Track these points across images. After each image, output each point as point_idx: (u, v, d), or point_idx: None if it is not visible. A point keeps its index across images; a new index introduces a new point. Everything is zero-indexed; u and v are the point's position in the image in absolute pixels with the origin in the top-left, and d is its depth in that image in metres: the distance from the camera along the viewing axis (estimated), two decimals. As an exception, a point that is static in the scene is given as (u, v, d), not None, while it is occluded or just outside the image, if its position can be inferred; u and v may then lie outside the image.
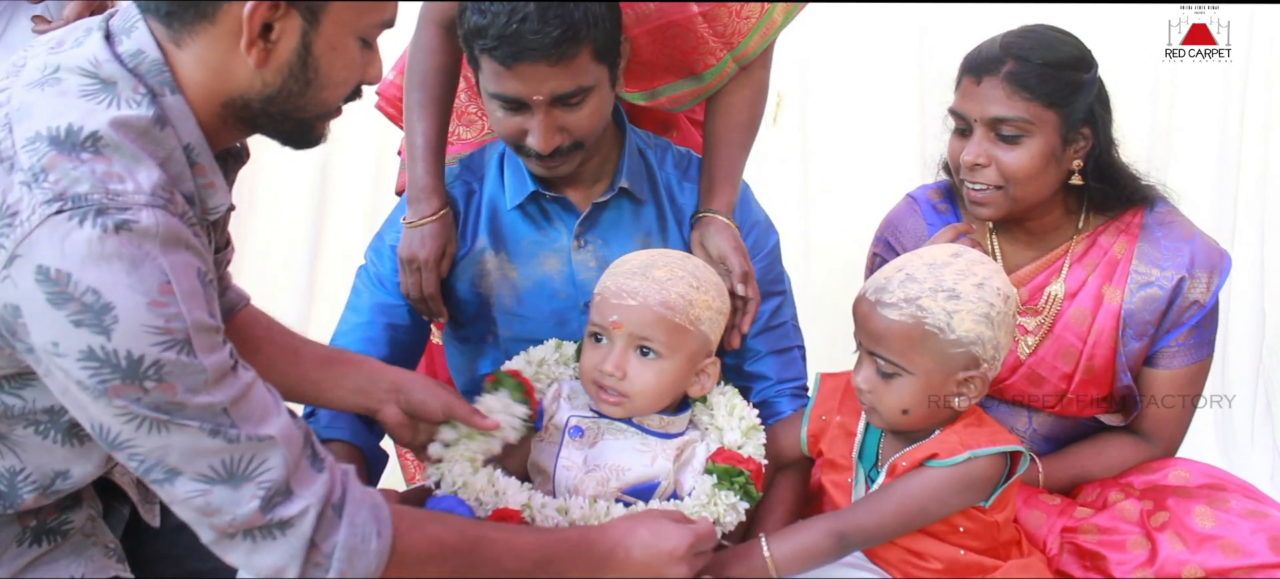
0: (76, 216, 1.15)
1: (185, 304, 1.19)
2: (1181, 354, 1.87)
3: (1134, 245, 1.87)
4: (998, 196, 1.83)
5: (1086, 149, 1.84)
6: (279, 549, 1.26)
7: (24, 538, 1.46)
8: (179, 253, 1.20)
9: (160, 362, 1.17)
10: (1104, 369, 1.86)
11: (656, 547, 1.49)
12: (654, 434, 1.72)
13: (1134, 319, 1.85)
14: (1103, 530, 1.77)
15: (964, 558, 1.63)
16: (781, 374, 1.94)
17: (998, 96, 1.79)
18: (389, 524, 1.32)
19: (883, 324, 1.58)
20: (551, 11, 1.62)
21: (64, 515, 1.49)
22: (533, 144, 1.73)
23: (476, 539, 1.40)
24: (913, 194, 2.05)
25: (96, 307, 1.15)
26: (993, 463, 1.59)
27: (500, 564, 1.41)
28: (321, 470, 1.30)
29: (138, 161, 1.21)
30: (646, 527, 1.51)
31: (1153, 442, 1.90)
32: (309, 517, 1.26)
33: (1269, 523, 1.68)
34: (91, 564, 1.50)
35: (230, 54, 1.28)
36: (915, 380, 1.58)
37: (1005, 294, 1.59)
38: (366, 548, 1.29)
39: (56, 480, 1.41)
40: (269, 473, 1.25)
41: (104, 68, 1.25)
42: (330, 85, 1.34)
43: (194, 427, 1.20)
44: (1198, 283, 1.84)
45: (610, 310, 1.68)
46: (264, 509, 1.24)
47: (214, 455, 1.22)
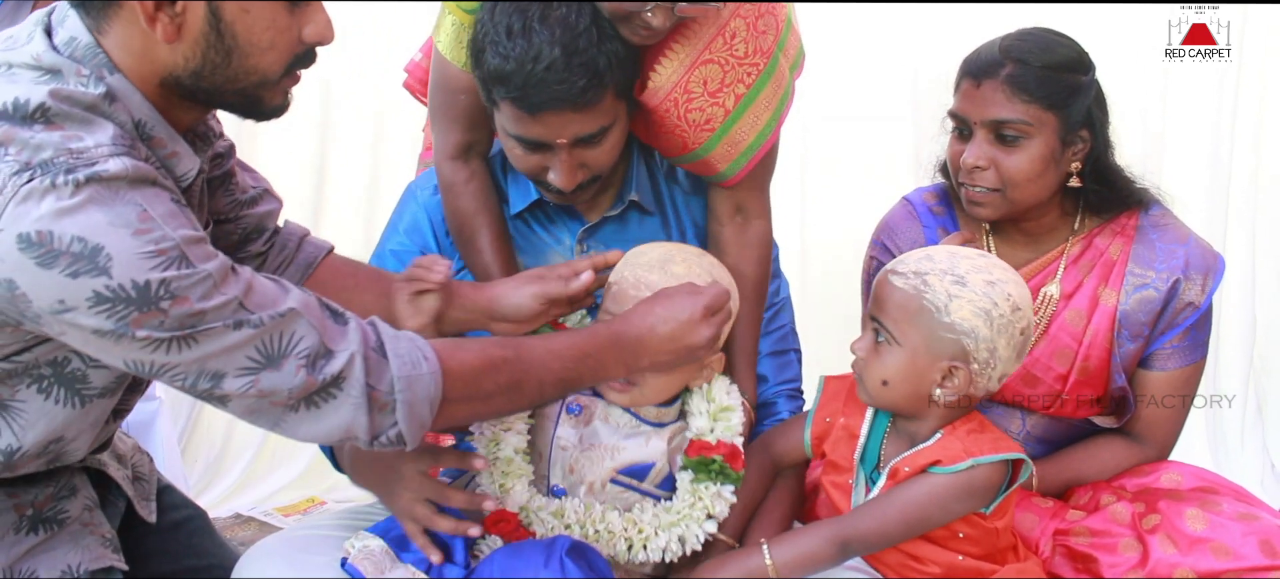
0: (45, 179, 1.17)
1: (167, 225, 1.21)
2: (1176, 356, 1.88)
3: (1129, 248, 1.88)
4: (995, 198, 1.84)
5: (1085, 151, 1.85)
6: (342, 407, 1.29)
7: (21, 526, 1.46)
8: (147, 188, 1.22)
9: (166, 279, 1.19)
10: (1099, 370, 1.87)
11: (676, 318, 1.56)
12: (649, 423, 1.72)
13: (1129, 321, 1.86)
14: (1094, 533, 1.78)
15: (962, 562, 1.63)
16: (778, 376, 1.94)
17: (998, 99, 1.80)
18: (432, 349, 1.34)
19: (888, 289, 1.60)
20: (576, 59, 1.57)
21: (60, 504, 1.50)
22: (555, 182, 1.72)
23: (517, 348, 1.44)
24: (908, 198, 2.05)
25: (86, 252, 1.16)
26: (995, 470, 1.59)
27: (547, 367, 1.45)
28: (346, 322, 1.32)
29: (90, 124, 1.23)
30: (661, 305, 1.57)
31: (1146, 444, 1.91)
32: (356, 365, 1.28)
33: (1260, 525, 1.69)
34: (88, 554, 1.50)
35: (146, 35, 1.28)
36: (902, 353, 1.59)
37: (1015, 305, 1.57)
38: (419, 372, 1.31)
39: (51, 446, 1.42)
40: (303, 341, 1.27)
41: (45, 59, 1.27)
42: (256, 50, 1.31)
43: (218, 327, 1.22)
44: (1192, 285, 1.85)
45: (628, 301, 1.67)
46: (311, 371, 1.26)
47: (247, 345, 1.24)
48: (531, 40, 1.57)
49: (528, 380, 1.43)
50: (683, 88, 1.69)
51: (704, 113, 1.71)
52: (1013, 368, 1.62)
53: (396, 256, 1.90)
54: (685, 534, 1.64)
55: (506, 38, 1.59)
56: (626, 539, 1.63)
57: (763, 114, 1.76)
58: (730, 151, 1.76)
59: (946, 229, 1.97)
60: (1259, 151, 3.42)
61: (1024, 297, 1.60)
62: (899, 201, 2.06)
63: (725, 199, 1.85)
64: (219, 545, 1.84)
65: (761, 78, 1.73)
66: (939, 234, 1.96)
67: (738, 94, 1.72)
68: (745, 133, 1.75)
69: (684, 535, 1.64)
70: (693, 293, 1.59)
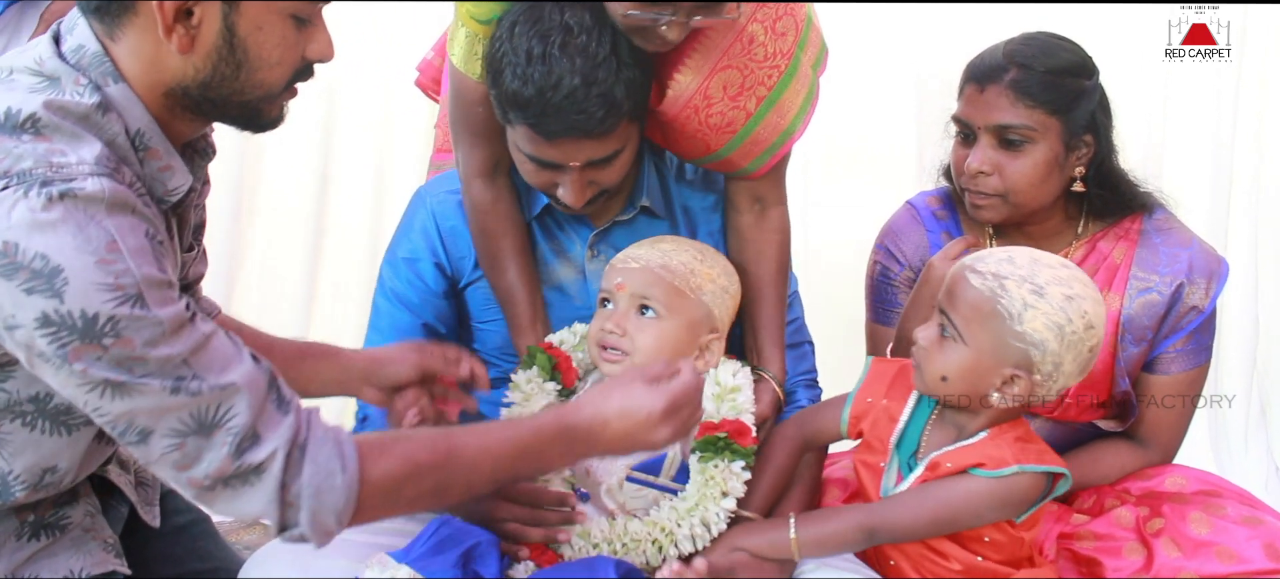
0: (20, 189, 1.17)
1: (133, 260, 1.19)
2: (1179, 360, 1.88)
3: (1133, 251, 1.88)
4: (998, 202, 1.84)
5: (1088, 156, 1.85)
6: (257, 495, 1.26)
7: (22, 532, 1.46)
8: (124, 216, 1.21)
9: (115, 317, 1.17)
10: (1102, 374, 1.87)
11: (633, 415, 1.43)
12: None
13: (1133, 325, 1.86)
14: (1099, 537, 1.78)
15: (981, 564, 1.62)
16: (795, 368, 1.94)
17: (1002, 104, 1.80)
18: (354, 456, 1.29)
19: (963, 286, 1.57)
20: (594, 89, 1.58)
21: (62, 511, 1.50)
22: (564, 198, 1.73)
23: (448, 450, 1.36)
24: (912, 201, 2.05)
25: (46, 271, 1.16)
26: (1036, 482, 1.57)
27: (477, 468, 1.38)
28: (287, 412, 1.29)
29: (78, 139, 1.23)
30: (618, 395, 1.44)
31: (1150, 448, 1.91)
32: (278, 459, 1.26)
33: (1264, 529, 1.69)
34: (90, 559, 1.50)
35: (159, 44, 1.29)
36: (966, 352, 1.56)
37: (1089, 323, 1.54)
38: (332, 483, 1.28)
39: (46, 476, 1.42)
40: (236, 418, 1.24)
41: (47, 65, 1.28)
42: (264, 66, 1.33)
43: (156, 385, 1.20)
44: (1196, 289, 1.85)
45: (615, 274, 1.74)
46: (234, 455, 1.24)
47: (181, 410, 1.22)
48: (552, 68, 1.57)
49: (454, 484, 1.38)
50: (702, 94, 1.69)
51: (725, 117, 1.71)
52: (1074, 383, 1.58)
53: (408, 264, 1.90)
54: (706, 516, 1.64)
55: (527, 62, 1.58)
56: (653, 541, 1.63)
57: (787, 114, 1.75)
58: (752, 150, 1.76)
59: (950, 233, 1.97)
60: (1261, 152, 3.41)
61: (1099, 315, 1.56)
62: (902, 206, 2.06)
63: (743, 190, 1.86)
64: (223, 549, 1.84)
65: (783, 79, 1.73)
66: (943, 238, 1.96)
67: (759, 96, 1.72)
68: (768, 133, 1.75)
69: (706, 518, 1.64)
70: (654, 387, 1.45)
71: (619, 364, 1.70)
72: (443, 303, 1.92)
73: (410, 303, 1.90)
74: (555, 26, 1.59)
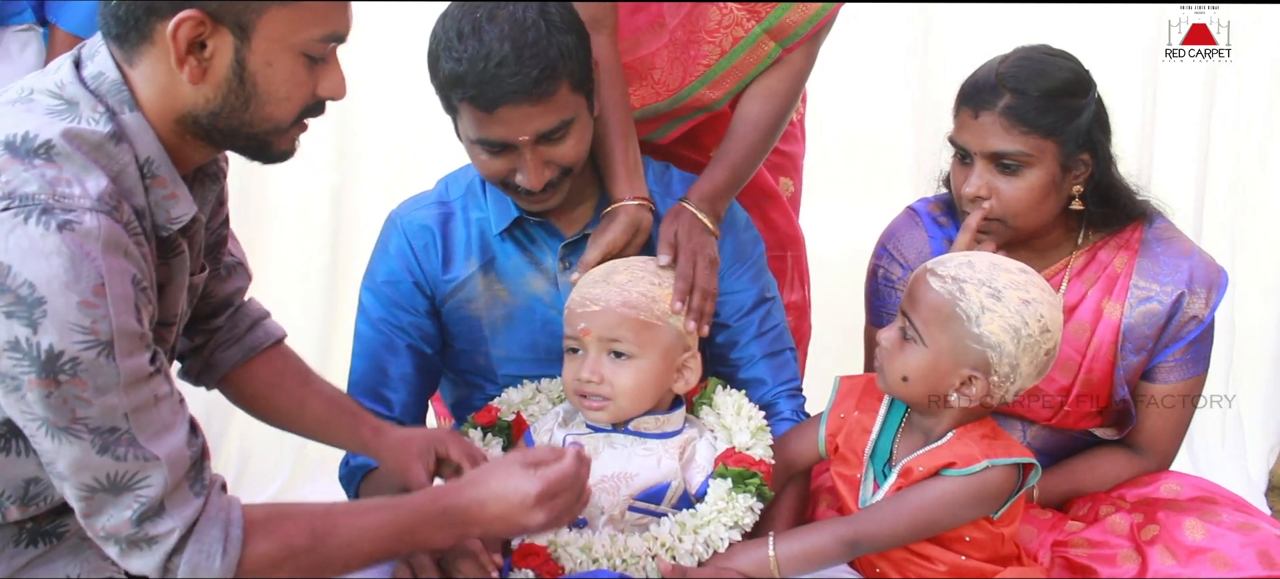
0: (22, 214, 1.21)
1: (114, 307, 1.23)
2: (1178, 369, 1.89)
3: (1134, 260, 1.89)
4: (998, 227, 1.83)
5: (1086, 174, 1.84)
6: (143, 560, 1.33)
7: (20, 539, 1.47)
8: (117, 258, 1.25)
9: (78, 359, 1.22)
10: (1102, 383, 1.88)
11: (508, 499, 1.46)
12: (651, 436, 1.73)
13: (1133, 333, 1.87)
14: (1093, 544, 1.79)
15: (966, 563, 1.65)
16: (776, 377, 1.94)
17: (996, 130, 1.79)
18: (238, 540, 1.35)
19: (923, 289, 1.61)
20: (526, 52, 1.63)
21: (60, 519, 1.50)
22: (522, 182, 1.74)
23: (325, 532, 1.41)
24: (914, 206, 2.05)
25: (30, 300, 1.20)
26: (1006, 476, 1.61)
27: (354, 549, 1.42)
28: (199, 495, 1.35)
29: (87, 171, 1.27)
30: (497, 478, 1.48)
31: (1146, 455, 1.92)
32: (173, 537, 1.32)
33: (1259, 536, 1.70)
34: (88, 565, 1.51)
35: (173, 72, 1.33)
36: (926, 353, 1.60)
37: (1045, 326, 1.58)
38: (211, 565, 1.34)
39: (30, 487, 1.43)
40: (148, 489, 1.30)
41: (68, 90, 1.33)
42: (272, 100, 1.38)
43: (87, 440, 1.25)
44: (1197, 299, 1.86)
45: (577, 319, 1.71)
46: (135, 522, 1.30)
47: (99, 470, 1.27)
48: (482, 39, 1.64)
49: (333, 563, 1.42)
50: None
51: None
52: (1031, 384, 1.63)
53: (389, 285, 1.91)
54: (711, 537, 1.65)
55: (458, 40, 1.65)
56: (653, 557, 1.64)
57: None
58: None
59: (952, 239, 1.96)
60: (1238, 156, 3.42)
61: (1056, 319, 1.61)
62: (904, 210, 2.06)
63: None
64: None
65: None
66: (944, 244, 1.96)
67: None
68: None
69: (710, 539, 1.65)
70: (531, 472, 1.47)
71: (604, 410, 1.70)
72: (426, 322, 1.93)
73: (396, 325, 1.91)
74: (482, 5, 1.66)
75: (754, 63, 2.00)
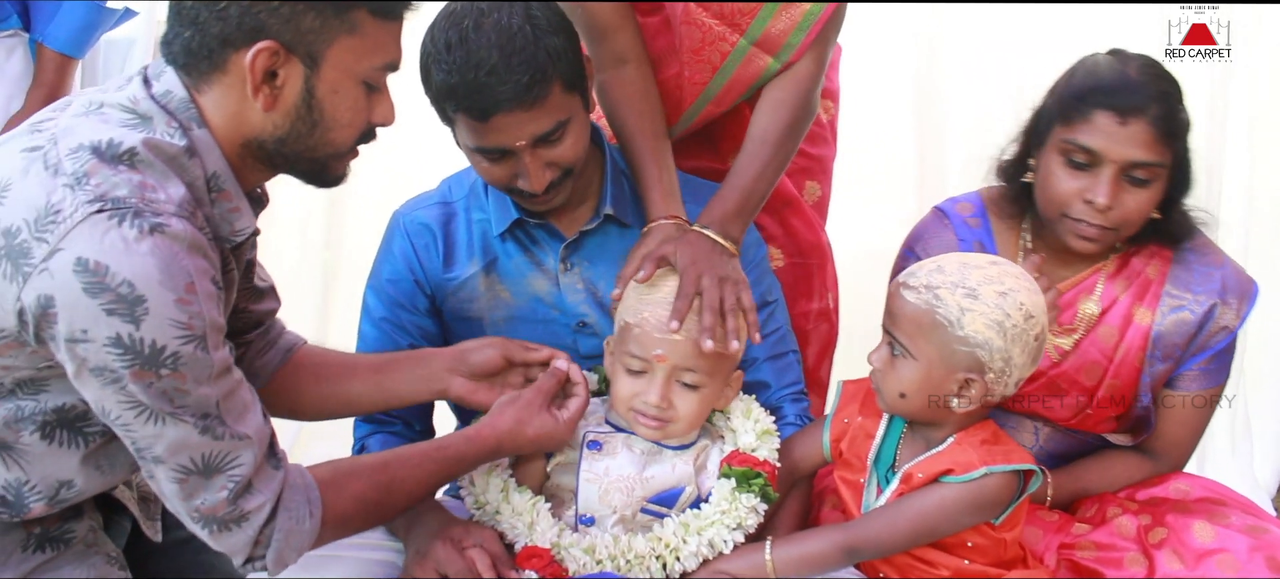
0: (116, 217, 1.26)
1: (205, 304, 1.30)
2: (1201, 378, 1.87)
3: (1167, 268, 1.86)
4: (1110, 235, 1.77)
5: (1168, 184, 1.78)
6: (235, 537, 1.40)
7: (28, 544, 1.50)
8: (199, 259, 1.32)
9: (178, 353, 1.28)
10: (1126, 388, 1.86)
11: (522, 433, 1.63)
12: (669, 446, 1.73)
13: (1163, 341, 1.85)
14: (1100, 547, 1.78)
15: (970, 568, 1.64)
16: (780, 380, 1.94)
17: (1145, 140, 1.71)
18: (318, 502, 1.45)
19: (900, 304, 1.60)
20: (516, 58, 1.63)
21: (67, 525, 1.53)
22: (525, 186, 1.74)
23: (388, 484, 1.54)
24: (942, 207, 1.99)
25: (130, 298, 1.25)
26: (1007, 481, 1.60)
27: (413, 496, 1.58)
28: (278, 468, 1.43)
29: (167, 178, 1.34)
30: (511, 415, 1.63)
31: (1159, 460, 1.91)
32: (264, 511, 1.40)
33: (1268, 540, 1.69)
34: (94, 571, 1.53)
35: (243, 99, 1.39)
36: (918, 367, 1.59)
37: (1028, 312, 1.56)
38: (301, 528, 1.43)
39: (61, 490, 1.47)
40: (240, 468, 1.37)
41: (141, 105, 1.38)
42: (336, 126, 1.44)
43: (188, 422, 1.32)
44: (1228, 309, 1.85)
45: (654, 344, 1.67)
46: (231, 500, 1.37)
47: (197, 450, 1.34)
48: (470, 49, 1.64)
49: (394, 509, 1.58)
50: None
51: None
52: (1029, 371, 1.62)
53: (392, 284, 1.92)
54: (715, 539, 1.65)
55: (447, 52, 1.66)
56: (657, 557, 1.64)
57: None
58: None
59: (982, 244, 1.92)
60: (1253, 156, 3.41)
61: (1037, 303, 1.58)
62: (931, 211, 2.02)
63: None
64: (224, 562, 1.82)
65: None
66: (974, 248, 1.91)
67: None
68: None
69: (714, 540, 1.65)
70: (531, 401, 1.66)
71: (660, 430, 1.70)
72: (428, 322, 1.93)
73: (398, 324, 1.92)
74: (468, 14, 1.67)
75: (752, 76, 1.98)
